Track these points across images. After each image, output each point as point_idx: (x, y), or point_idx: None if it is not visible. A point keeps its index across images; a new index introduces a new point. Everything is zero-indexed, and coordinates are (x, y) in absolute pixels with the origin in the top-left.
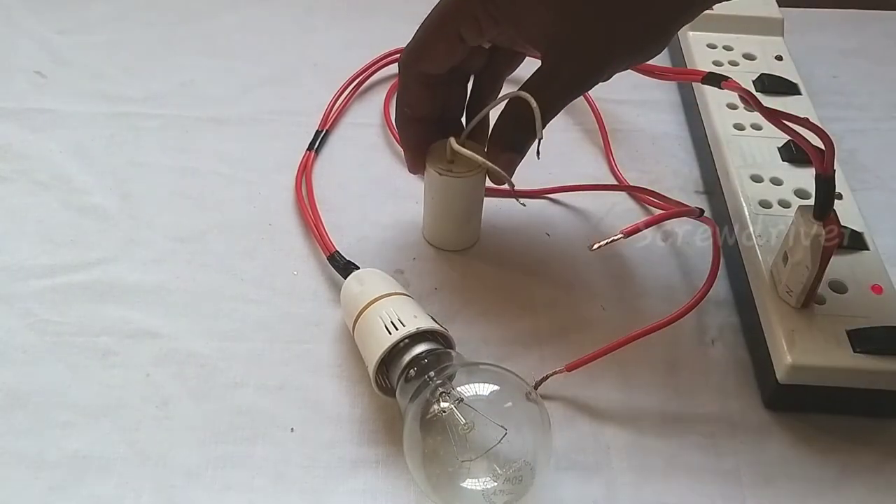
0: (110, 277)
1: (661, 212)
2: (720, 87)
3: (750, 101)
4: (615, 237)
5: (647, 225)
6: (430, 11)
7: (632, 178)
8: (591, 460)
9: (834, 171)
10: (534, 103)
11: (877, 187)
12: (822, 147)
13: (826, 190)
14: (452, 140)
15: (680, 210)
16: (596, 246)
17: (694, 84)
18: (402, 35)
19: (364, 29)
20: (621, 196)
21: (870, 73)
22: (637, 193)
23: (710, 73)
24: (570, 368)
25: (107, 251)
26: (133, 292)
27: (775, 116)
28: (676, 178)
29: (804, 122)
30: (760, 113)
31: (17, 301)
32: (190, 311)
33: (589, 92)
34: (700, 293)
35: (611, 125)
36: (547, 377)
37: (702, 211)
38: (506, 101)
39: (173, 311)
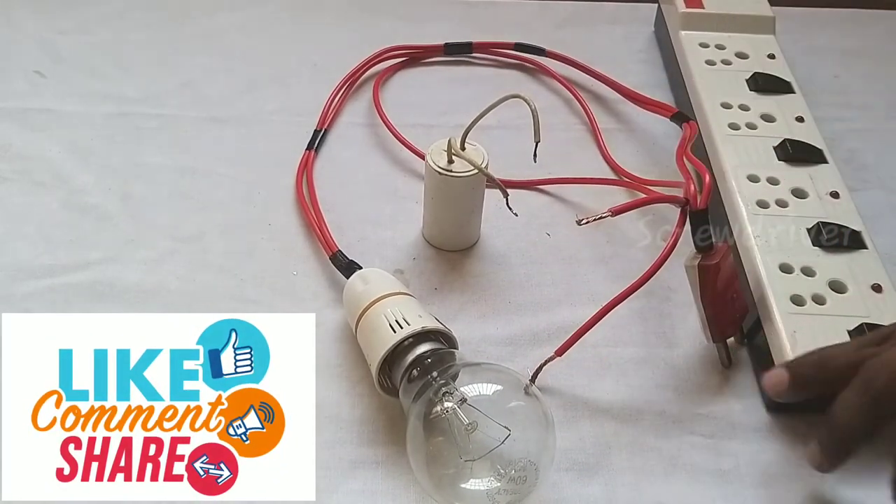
0: (110, 277)
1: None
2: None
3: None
4: (603, 214)
5: (636, 206)
6: None
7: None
8: (591, 460)
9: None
10: (532, 105)
11: (877, 187)
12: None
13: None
14: (452, 140)
15: (666, 196)
16: (584, 221)
17: (689, 84)
18: (402, 35)
19: (364, 29)
20: (622, 197)
21: (871, 73)
22: (633, 186)
23: (678, 113)
24: (559, 353)
25: (107, 251)
26: (133, 292)
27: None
28: (674, 178)
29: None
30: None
31: (18, 301)
32: (190, 311)
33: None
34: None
35: (610, 125)
36: (541, 367)
37: (687, 201)
38: (505, 101)
39: (173, 311)
